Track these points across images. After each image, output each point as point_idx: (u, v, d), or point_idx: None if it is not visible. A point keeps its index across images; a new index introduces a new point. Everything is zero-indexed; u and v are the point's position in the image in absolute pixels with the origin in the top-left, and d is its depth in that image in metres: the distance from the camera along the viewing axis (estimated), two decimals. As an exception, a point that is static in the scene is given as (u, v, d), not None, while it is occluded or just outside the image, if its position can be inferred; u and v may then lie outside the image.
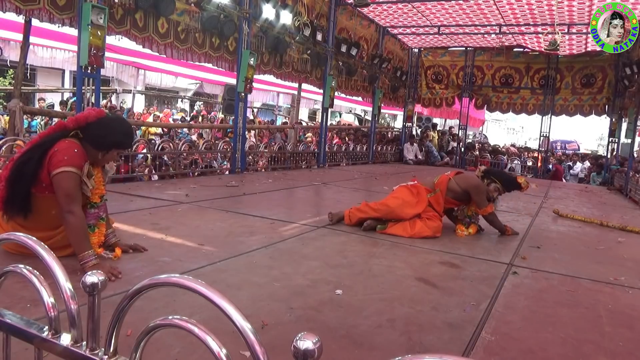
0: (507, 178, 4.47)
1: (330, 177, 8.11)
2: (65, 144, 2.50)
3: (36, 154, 2.50)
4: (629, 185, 8.79)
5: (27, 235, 1.00)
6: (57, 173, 2.44)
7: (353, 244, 3.62)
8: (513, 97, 13.80)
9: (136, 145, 6.39)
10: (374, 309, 2.30)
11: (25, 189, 2.51)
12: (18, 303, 1.98)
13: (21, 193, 2.51)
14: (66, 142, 2.52)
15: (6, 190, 2.50)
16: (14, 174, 2.50)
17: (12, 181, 2.50)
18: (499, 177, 4.43)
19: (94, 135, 2.59)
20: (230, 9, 7.06)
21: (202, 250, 3.10)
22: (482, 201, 4.20)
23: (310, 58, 9.32)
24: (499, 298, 2.61)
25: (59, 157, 2.45)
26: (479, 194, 4.20)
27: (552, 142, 19.19)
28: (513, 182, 4.38)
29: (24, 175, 2.49)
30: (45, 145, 2.52)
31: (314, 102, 18.01)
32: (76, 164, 2.49)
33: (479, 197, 4.20)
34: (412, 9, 10.53)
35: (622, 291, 2.93)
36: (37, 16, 4.90)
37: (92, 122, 2.60)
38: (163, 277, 0.82)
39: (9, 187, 2.50)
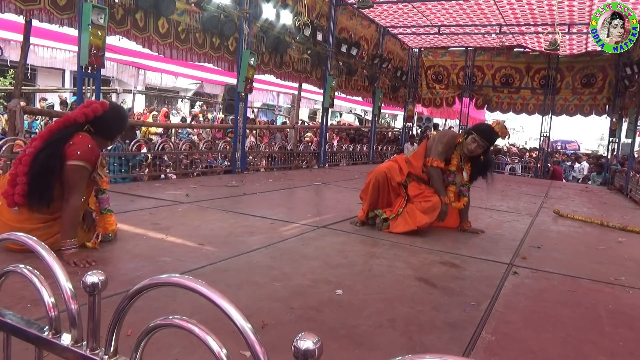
0: (483, 128, 4.29)
1: (330, 177, 8.11)
2: (80, 139, 2.69)
3: (58, 148, 2.64)
4: (629, 185, 8.79)
5: (28, 235, 1.00)
6: (69, 165, 2.63)
7: (353, 243, 3.62)
8: (513, 97, 13.81)
9: (136, 145, 6.37)
10: (374, 309, 2.30)
11: (52, 182, 2.65)
12: (18, 303, 1.98)
13: (48, 186, 2.64)
14: (80, 136, 2.71)
15: (29, 184, 2.61)
16: (37, 168, 2.61)
17: (36, 175, 2.61)
18: (476, 128, 4.29)
19: (103, 128, 2.84)
20: (230, 9, 7.07)
21: (202, 250, 3.10)
22: (434, 150, 4.15)
23: (310, 58, 9.32)
24: (500, 298, 2.61)
25: (73, 150, 2.64)
26: (436, 142, 4.17)
27: (553, 142, 19.19)
28: (489, 130, 4.18)
29: (50, 169, 2.62)
30: (64, 140, 2.67)
31: (314, 102, 18.02)
32: (88, 158, 2.68)
33: (434, 147, 4.17)
34: (412, 9, 10.54)
35: (623, 291, 2.93)
36: (38, 16, 4.90)
37: (100, 115, 2.80)
38: (163, 277, 0.82)
39: (33, 181, 2.61)
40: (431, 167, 4.12)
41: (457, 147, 4.20)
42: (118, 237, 3.21)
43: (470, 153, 4.13)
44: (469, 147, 4.10)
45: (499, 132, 4.12)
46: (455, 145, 4.20)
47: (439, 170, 4.13)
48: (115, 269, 2.60)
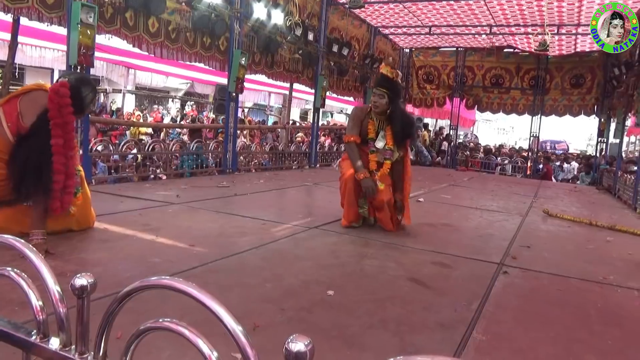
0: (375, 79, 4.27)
1: (321, 178, 8.11)
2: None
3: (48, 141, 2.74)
4: (617, 185, 8.88)
5: (15, 237, 0.99)
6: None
7: (344, 244, 3.62)
8: (503, 97, 13.88)
9: (126, 145, 6.34)
10: (365, 310, 2.31)
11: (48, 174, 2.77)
12: (6, 306, 1.96)
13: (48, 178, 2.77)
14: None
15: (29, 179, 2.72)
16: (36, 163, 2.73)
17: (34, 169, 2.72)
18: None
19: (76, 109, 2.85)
20: (221, 8, 7.04)
21: (193, 251, 3.08)
22: (347, 128, 4.26)
23: (301, 58, 9.31)
24: (490, 298, 2.62)
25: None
26: (348, 121, 4.24)
27: (542, 142, 19.33)
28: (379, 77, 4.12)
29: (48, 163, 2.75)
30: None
31: (305, 102, 18.01)
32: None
33: (347, 125, 4.29)
34: (403, 9, 10.57)
35: (611, 290, 2.96)
36: (26, 15, 4.84)
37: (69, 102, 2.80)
38: (153, 279, 0.81)
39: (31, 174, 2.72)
40: (345, 143, 4.18)
41: (370, 115, 4.15)
42: (107, 238, 3.19)
43: (377, 108, 4.04)
44: (373, 103, 4.07)
45: (388, 74, 4.04)
46: (368, 114, 4.16)
47: (352, 144, 4.11)
48: (104, 271, 2.57)
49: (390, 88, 4.02)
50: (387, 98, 4.00)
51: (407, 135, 4.19)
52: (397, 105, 4.14)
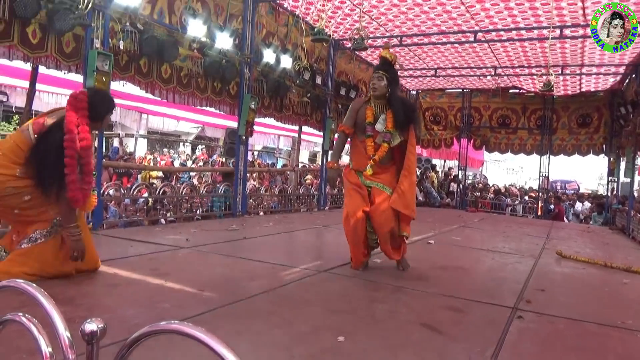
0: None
1: (330, 220, 8.08)
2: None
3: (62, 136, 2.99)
4: (631, 225, 8.75)
5: (27, 282, 0.99)
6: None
7: (355, 288, 3.57)
8: (511, 137, 13.94)
9: (138, 189, 6.40)
10: (377, 357, 2.25)
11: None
12: (15, 353, 1.94)
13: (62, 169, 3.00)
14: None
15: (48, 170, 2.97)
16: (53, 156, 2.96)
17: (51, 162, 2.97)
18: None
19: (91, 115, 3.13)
20: (232, 54, 7.24)
21: (202, 296, 3.06)
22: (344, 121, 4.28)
23: (310, 101, 9.47)
24: (505, 344, 2.55)
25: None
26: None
27: (552, 182, 19.23)
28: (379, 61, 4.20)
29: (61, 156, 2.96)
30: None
31: (314, 144, 18.18)
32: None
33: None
34: (409, 52, 10.80)
35: (631, 335, 2.87)
36: (44, 63, 5.01)
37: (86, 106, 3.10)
38: (162, 324, 0.81)
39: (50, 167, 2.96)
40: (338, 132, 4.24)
41: (369, 103, 4.13)
42: (117, 283, 3.18)
43: (375, 90, 4.02)
44: (372, 85, 4.06)
45: (387, 56, 4.11)
46: (366, 102, 4.16)
47: (341, 134, 4.21)
48: (113, 316, 2.55)
49: (389, 70, 4.07)
50: (386, 80, 4.01)
51: (410, 120, 4.11)
52: (396, 90, 4.16)
